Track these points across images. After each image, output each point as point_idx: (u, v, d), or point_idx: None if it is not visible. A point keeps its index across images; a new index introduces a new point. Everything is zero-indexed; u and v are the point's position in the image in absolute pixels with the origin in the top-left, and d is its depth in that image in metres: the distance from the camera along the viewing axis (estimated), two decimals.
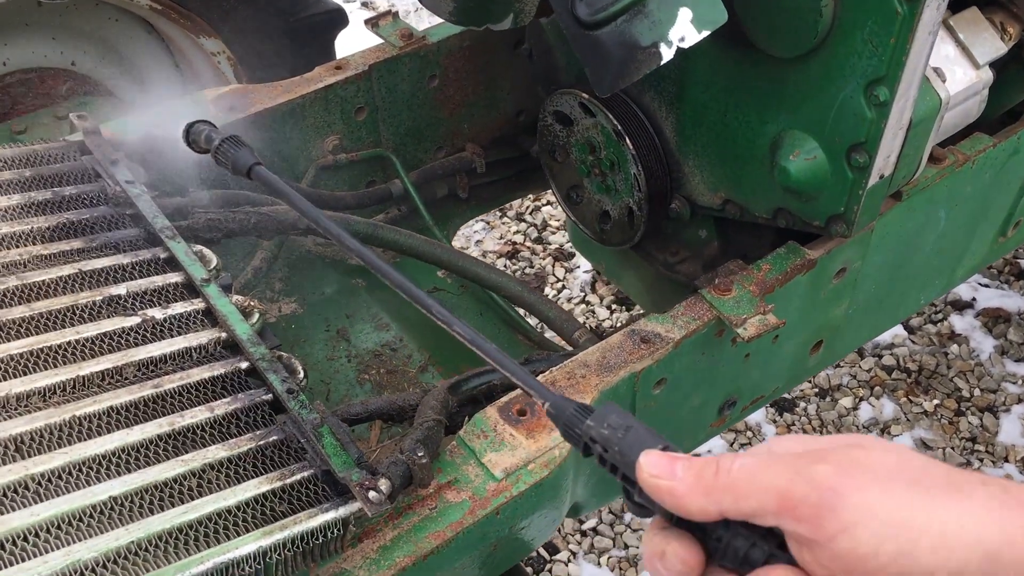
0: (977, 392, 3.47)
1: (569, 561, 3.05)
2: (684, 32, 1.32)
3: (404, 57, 2.08)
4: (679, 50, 1.33)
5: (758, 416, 3.44)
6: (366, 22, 2.15)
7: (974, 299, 3.79)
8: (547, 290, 3.94)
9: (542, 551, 3.05)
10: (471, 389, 1.50)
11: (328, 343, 1.87)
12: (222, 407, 1.26)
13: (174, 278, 1.46)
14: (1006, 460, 3.28)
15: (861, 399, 3.47)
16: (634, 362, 1.47)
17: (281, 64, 2.97)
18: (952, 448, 3.30)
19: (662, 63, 1.33)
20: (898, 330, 3.69)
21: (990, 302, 3.77)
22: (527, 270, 4.01)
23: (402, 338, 1.90)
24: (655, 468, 0.74)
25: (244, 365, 1.33)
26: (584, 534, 3.12)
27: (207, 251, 1.51)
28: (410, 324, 1.95)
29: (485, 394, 1.51)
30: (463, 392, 1.48)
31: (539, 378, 1.44)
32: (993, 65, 1.77)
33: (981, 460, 3.27)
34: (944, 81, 1.53)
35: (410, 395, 1.47)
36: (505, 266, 4.03)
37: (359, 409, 1.45)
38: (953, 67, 1.64)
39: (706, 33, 1.33)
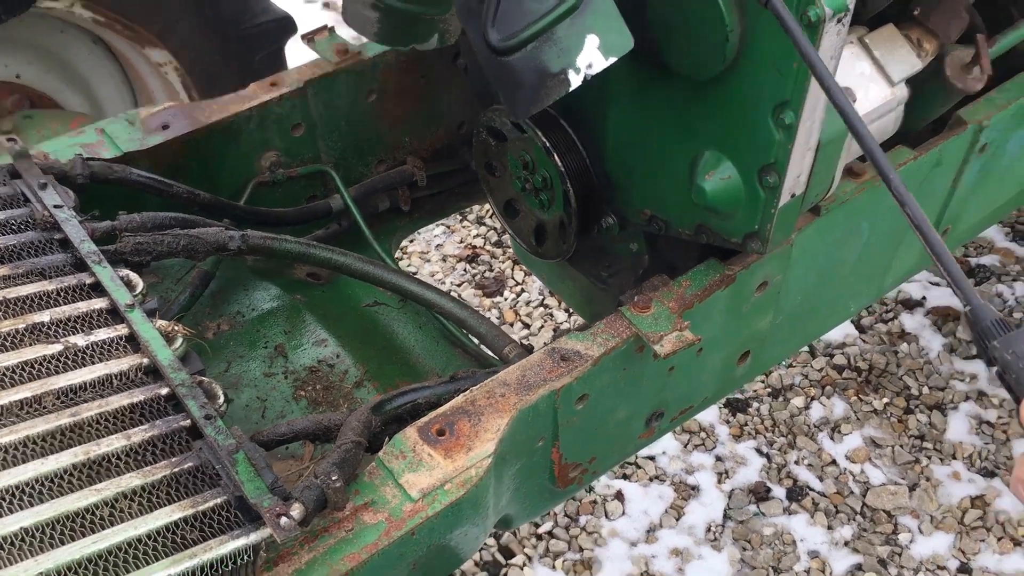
0: (926, 390, 3.53)
1: (524, 565, 3.08)
2: (591, 59, 1.35)
3: (340, 73, 2.10)
4: (587, 76, 1.35)
5: (711, 417, 3.49)
6: (303, 37, 2.17)
7: (924, 298, 3.85)
8: (506, 293, 3.97)
9: (498, 556, 3.09)
10: (396, 408, 1.52)
11: (266, 360, 1.89)
12: (139, 434, 1.28)
13: (99, 304, 1.47)
14: (953, 457, 3.34)
15: (812, 398, 3.52)
16: (553, 380, 1.50)
17: (231, 73, 2.98)
18: (901, 446, 3.36)
19: (571, 89, 1.36)
20: (849, 329, 3.75)
21: (940, 301, 3.84)
22: (487, 273, 4.04)
23: (339, 354, 1.92)
24: None
25: (164, 391, 1.35)
26: (539, 538, 3.15)
27: (134, 276, 1.53)
28: (348, 339, 1.98)
29: (411, 412, 1.54)
30: (388, 412, 1.51)
31: (460, 398, 1.47)
32: (913, 80, 1.82)
33: (929, 458, 3.33)
34: (854, 101, 1.56)
35: (335, 415, 1.50)
36: (465, 270, 4.06)
37: (285, 430, 1.47)
38: (868, 84, 1.67)
39: (613, 60, 1.35)
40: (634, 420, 1.75)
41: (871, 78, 1.67)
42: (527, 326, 3.83)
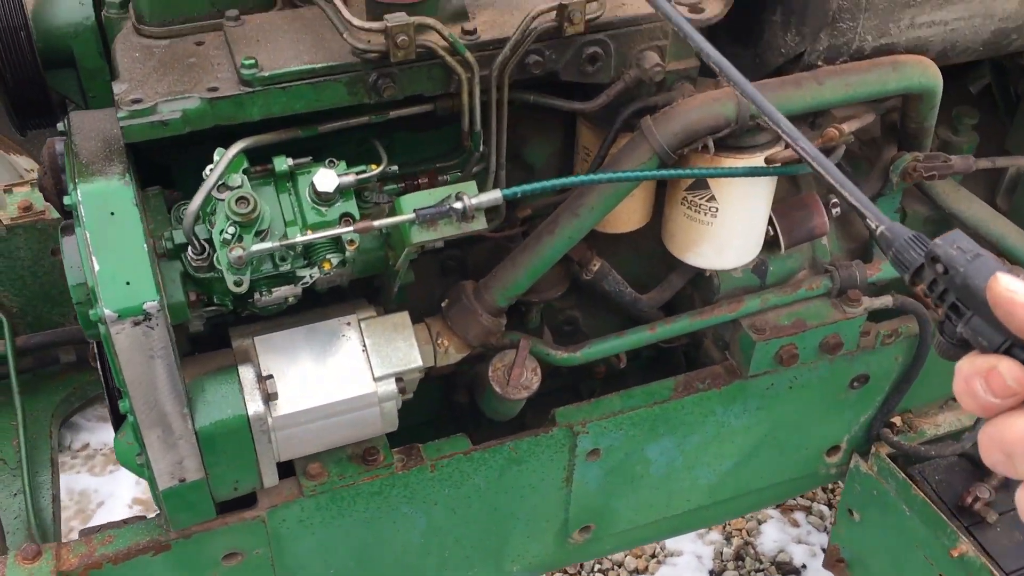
0: None
1: None
2: None
3: (18, 228, 2.14)
4: None
5: None
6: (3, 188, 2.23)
7: (804, 566, 3.41)
8: None
9: None
10: None
11: None
12: None
13: None
14: None
15: None
16: None
17: None
18: None
19: None
20: None
21: (820, 572, 3.39)
22: None
23: None
24: (1013, 284, 0.74)
25: None
26: None
27: None
28: None
29: None
30: None
31: None
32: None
33: None
34: (273, 398, 1.41)
35: None
36: None
37: None
38: (346, 371, 1.52)
39: None
40: None
41: (353, 366, 1.52)
42: None
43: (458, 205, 1.29)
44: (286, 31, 1.35)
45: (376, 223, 1.29)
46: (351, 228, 1.27)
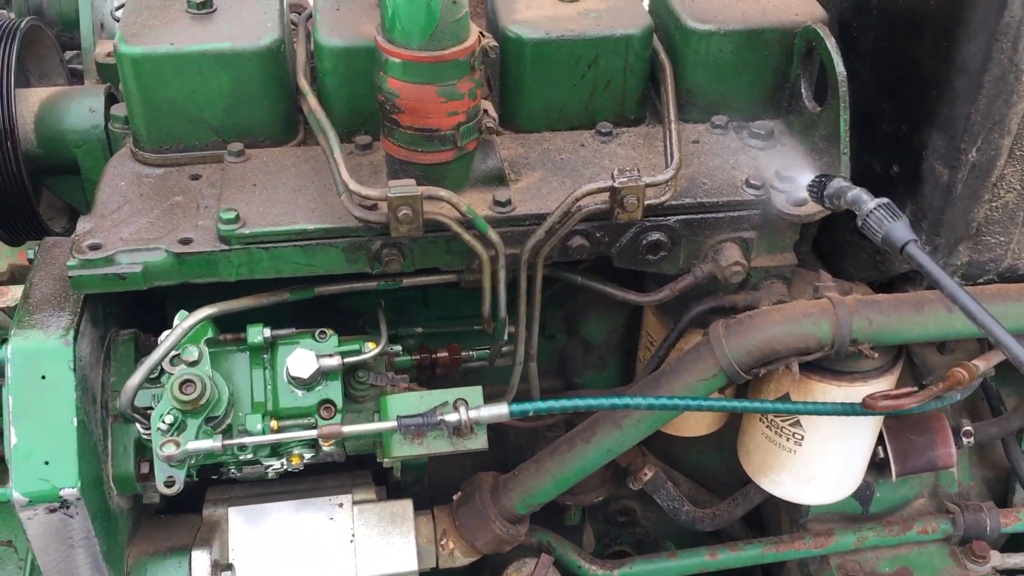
0: None
1: None
2: None
3: None
4: None
5: None
6: None
7: None
8: None
9: None
10: None
11: None
12: None
13: None
14: None
15: None
16: None
17: None
18: None
19: None
20: None
21: None
22: None
23: None
24: None
25: None
26: None
27: None
28: None
29: None
30: None
31: None
32: None
33: None
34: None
35: None
36: None
37: None
38: (333, 567, 1.28)
39: None
40: None
41: (334, 560, 1.28)
42: None
43: (452, 418, 1.04)
44: (291, 175, 1.14)
45: (346, 430, 1.05)
46: (314, 433, 1.04)
